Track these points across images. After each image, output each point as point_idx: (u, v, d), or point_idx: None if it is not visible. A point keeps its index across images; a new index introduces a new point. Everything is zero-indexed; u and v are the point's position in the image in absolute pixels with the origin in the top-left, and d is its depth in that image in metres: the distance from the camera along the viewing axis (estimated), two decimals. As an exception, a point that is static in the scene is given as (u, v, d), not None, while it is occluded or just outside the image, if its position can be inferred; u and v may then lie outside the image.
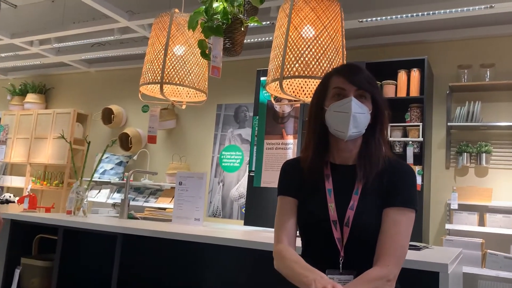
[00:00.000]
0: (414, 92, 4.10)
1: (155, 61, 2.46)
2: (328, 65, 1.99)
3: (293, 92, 2.31)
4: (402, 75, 4.19)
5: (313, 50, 2.00)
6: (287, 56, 2.03)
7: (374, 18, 4.08)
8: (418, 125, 4.00)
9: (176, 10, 2.57)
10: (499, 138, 4.13)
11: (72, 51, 5.86)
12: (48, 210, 5.65)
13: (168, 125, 5.57)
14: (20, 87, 6.87)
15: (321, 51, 2.00)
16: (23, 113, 6.59)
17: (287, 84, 2.24)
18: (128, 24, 4.69)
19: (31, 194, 5.67)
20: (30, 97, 6.65)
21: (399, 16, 3.98)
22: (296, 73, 1.99)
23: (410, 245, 2.08)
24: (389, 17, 4.02)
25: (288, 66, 2.02)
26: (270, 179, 2.40)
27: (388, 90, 4.19)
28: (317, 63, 1.98)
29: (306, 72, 1.97)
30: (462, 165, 4.14)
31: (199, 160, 5.49)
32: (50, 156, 6.16)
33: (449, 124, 4.18)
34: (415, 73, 4.13)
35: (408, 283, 1.53)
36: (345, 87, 1.34)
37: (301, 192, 1.42)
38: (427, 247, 2.14)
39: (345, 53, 2.12)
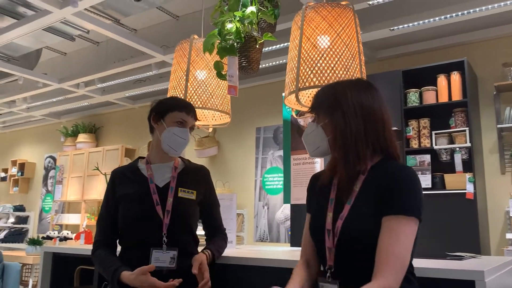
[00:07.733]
0: (456, 96, 3.90)
1: (178, 87, 2.50)
2: (344, 72, 1.93)
3: (314, 104, 2.25)
4: (441, 79, 4.01)
5: (327, 58, 1.95)
6: (301, 68, 1.98)
7: (406, 25, 3.96)
8: (465, 130, 3.77)
9: (195, 36, 2.61)
10: (557, 137, 3.82)
11: (116, 89, 6.14)
12: (103, 244, 5.81)
13: (210, 153, 5.63)
14: (72, 129, 7.26)
15: (336, 59, 1.94)
16: (76, 152, 6.93)
17: (305, 96, 2.19)
18: (163, 58, 4.85)
19: (87, 230, 5.87)
20: (82, 137, 7.01)
21: (431, 19, 3.83)
22: (312, 84, 1.94)
23: (454, 255, 1.93)
24: (421, 21, 3.88)
25: (303, 77, 1.97)
26: (300, 195, 2.32)
27: (428, 97, 4.01)
28: (332, 71, 1.92)
29: (321, 82, 1.92)
30: (518, 169, 3.85)
31: (242, 184, 5.48)
32: (102, 192, 6.38)
33: (499, 126, 3.93)
34: (455, 76, 3.93)
35: (444, 294, 1.41)
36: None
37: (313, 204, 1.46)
38: (474, 257, 1.96)
39: (362, 58, 2.04)
